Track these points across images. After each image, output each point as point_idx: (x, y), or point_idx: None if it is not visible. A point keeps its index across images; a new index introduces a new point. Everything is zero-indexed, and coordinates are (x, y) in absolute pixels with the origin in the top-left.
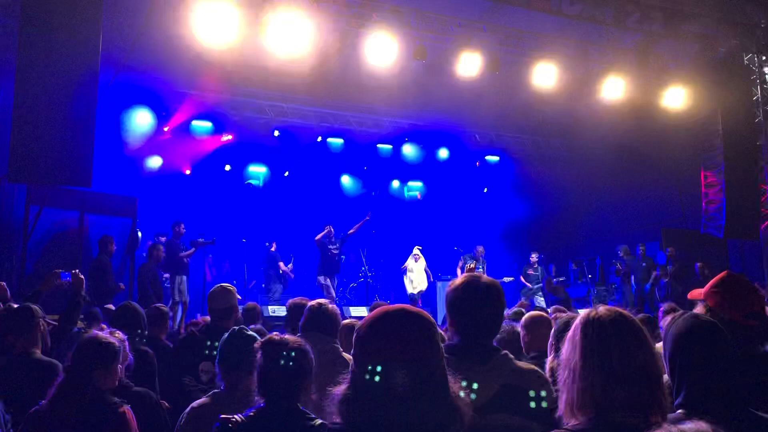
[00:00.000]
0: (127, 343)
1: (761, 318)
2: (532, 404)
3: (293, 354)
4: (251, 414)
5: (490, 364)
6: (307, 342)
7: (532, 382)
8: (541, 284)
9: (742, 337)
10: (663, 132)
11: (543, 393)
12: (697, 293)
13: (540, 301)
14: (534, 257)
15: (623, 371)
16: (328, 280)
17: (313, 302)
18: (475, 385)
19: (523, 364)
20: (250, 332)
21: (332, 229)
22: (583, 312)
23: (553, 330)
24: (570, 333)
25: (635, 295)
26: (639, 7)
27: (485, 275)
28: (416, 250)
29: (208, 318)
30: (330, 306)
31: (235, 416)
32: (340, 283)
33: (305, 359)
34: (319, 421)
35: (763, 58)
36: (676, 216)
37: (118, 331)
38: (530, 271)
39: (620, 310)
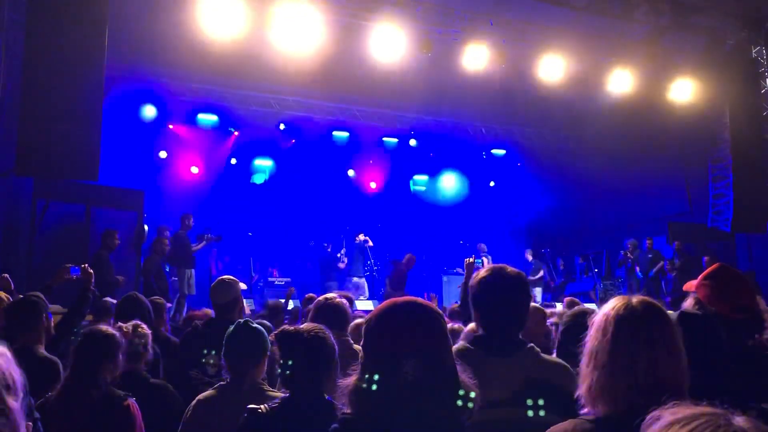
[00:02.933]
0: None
1: (749, 311)
2: (558, 398)
3: (310, 342)
4: (277, 404)
5: (515, 357)
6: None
7: (558, 376)
8: (536, 277)
9: (729, 330)
10: (670, 125)
11: (571, 387)
12: (690, 285)
13: (536, 292)
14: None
15: (647, 382)
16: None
17: (321, 297)
18: (496, 378)
19: (549, 357)
20: (256, 324)
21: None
22: (617, 302)
23: (560, 326)
24: (601, 322)
25: (642, 286)
26: None
27: (510, 266)
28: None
29: (206, 310)
30: (338, 300)
31: (262, 407)
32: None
33: (324, 346)
34: None
35: None
36: (683, 210)
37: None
38: None
39: (657, 305)
